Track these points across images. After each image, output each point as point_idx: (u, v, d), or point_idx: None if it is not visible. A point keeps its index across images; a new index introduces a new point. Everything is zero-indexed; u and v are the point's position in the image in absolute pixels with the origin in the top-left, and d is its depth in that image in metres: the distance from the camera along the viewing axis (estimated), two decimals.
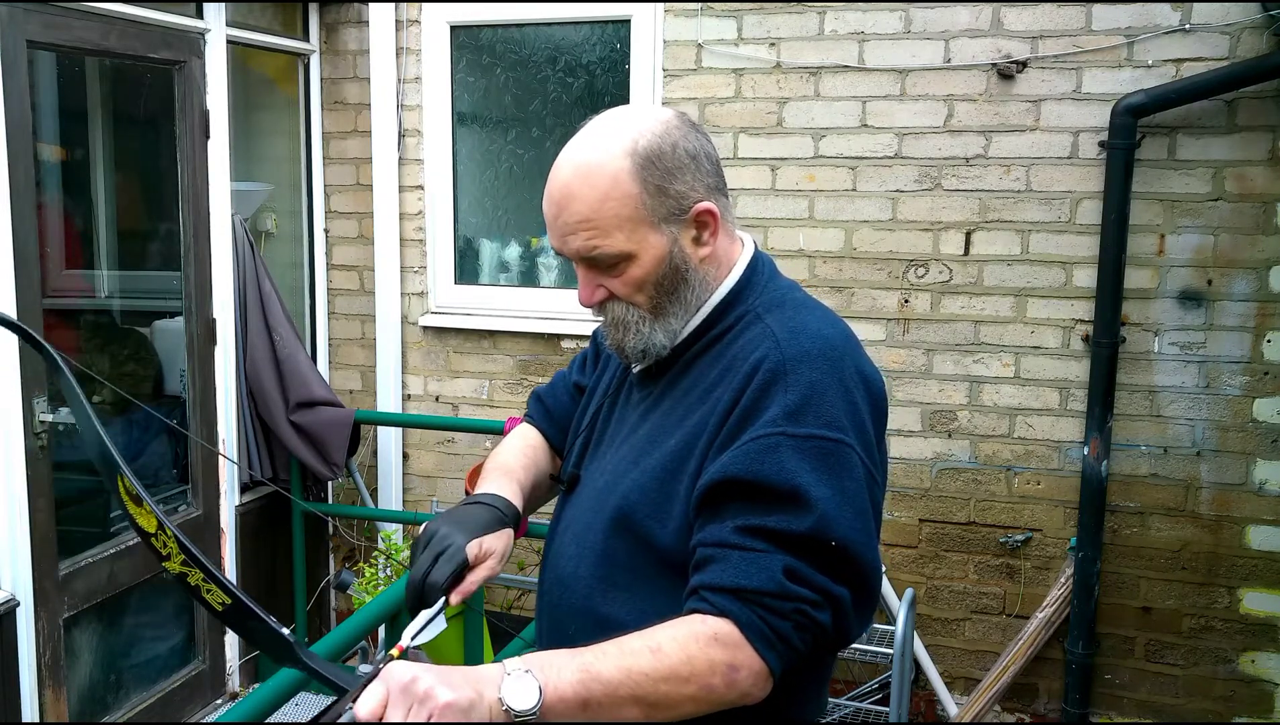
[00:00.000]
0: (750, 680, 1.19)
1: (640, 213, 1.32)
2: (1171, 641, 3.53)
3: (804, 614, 1.21)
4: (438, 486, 4.32)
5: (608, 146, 1.33)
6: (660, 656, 1.17)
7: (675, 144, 1.34)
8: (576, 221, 1.32)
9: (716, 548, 1.23)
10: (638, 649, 1.17)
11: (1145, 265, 3.43)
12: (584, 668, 1.15)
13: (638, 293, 1.36)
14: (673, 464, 1.33)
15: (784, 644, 1.21)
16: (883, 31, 3.58)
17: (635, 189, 1.31)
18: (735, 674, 1.18)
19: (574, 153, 1.36)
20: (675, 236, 1.35)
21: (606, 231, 1.32)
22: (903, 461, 3.73)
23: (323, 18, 4.25)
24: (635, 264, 1.34)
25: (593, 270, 1.37)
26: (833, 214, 3.70)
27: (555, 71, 4.06)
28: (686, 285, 1.37)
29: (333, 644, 2.26)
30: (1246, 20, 3.25)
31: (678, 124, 1.36)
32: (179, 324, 3.72)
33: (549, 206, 1.36)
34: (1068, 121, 3.45)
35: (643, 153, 1.32)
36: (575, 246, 1.34)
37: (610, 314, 1.39)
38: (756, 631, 1.19)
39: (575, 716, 1.14)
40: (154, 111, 3.72)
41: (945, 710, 3.69)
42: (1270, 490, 3.39)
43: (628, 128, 1.34)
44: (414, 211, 4.20)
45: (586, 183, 1.32)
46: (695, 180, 1.35)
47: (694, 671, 1.17)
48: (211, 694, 3.83)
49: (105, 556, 3.34)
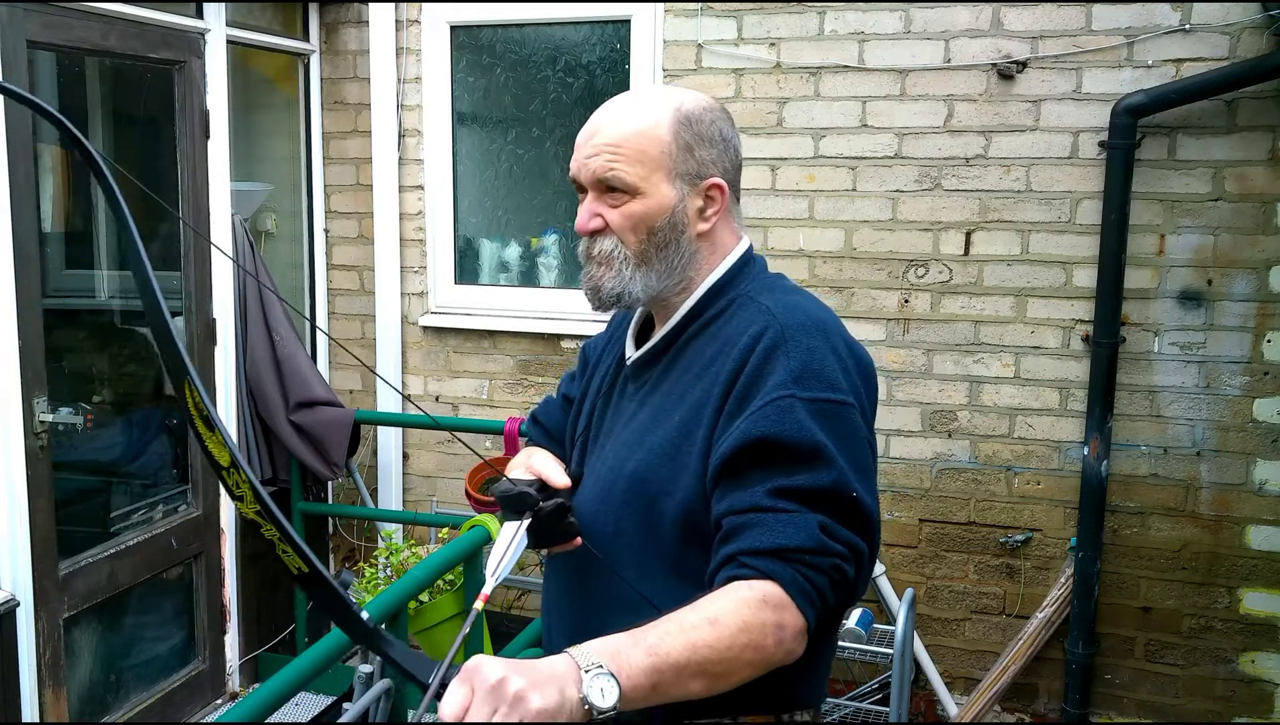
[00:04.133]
0: (794, 637, 1.22)
1: (662, 159, 1.39)
2: (1171, 641, 3.53)
3: (839, 569, 1.25)
4: (438, 486, 4.32)
5: (654, 97, 1.44)
6: (719, 628, 1.17)
7: (714, 121, 1.44)
8: (604, 143, 1.40)
9: (750, 512, 1.25)
10: (696, 623, 1.17)
11: (1145, 265, 3.43)
12: (651, 651, 1.14)
13: (631, 232, 1.41)
14: (678, 437, 1.36)
15: (821, 599, 1.24)
16: (883, 31, 3.58)
17: (667, 136, 1.40)
18: (783, 633, 1.20)
19: (625, 97, 1.46)
20: (684, 196, 1.41)
21: (628, 160, 1.39)
22: (903, 461, 3.73)
23: (323, 18, 4.25)
24: (639, 200, 1.40)
25: (599, 199, 1.43)
26: (833, 214, 3.70)
27: (555, 71, 4.06)
28: (677, 248, 1.42)
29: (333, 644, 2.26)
30: (1246, 20, 3.25)
31: (721, 111, 1.47)
32: (179, 324, 3.72)
33: (582, 134, 1.44)
34: (1068, 121, 3.45)
35: (685, 112, 1.42)
36: (594, 166, 1.40)
37: (598, 247, 1.43)
38: (799, 589, 1.21)
39: (646, 701, 1.14)
40: (154, 111, 3.72)
41: (945, 710, 3.69)
42: (1270, 490, 3.39)
43: (681, 93, 1.45)
44: (414, 211, 4.20)
45: (625, 116, 1.41)
46: (720, 158, 1.44)
47: (751, 638, 1.18)
48: (211, 694, 3.83)
49: (105, 556, 3.34)
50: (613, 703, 1.08)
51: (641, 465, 1.38)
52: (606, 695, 1.08)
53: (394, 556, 3.79)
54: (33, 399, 3.01)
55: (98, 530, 3.44)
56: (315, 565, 1.22)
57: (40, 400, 3.03)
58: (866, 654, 3.34)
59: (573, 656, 1.11)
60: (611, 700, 1.08)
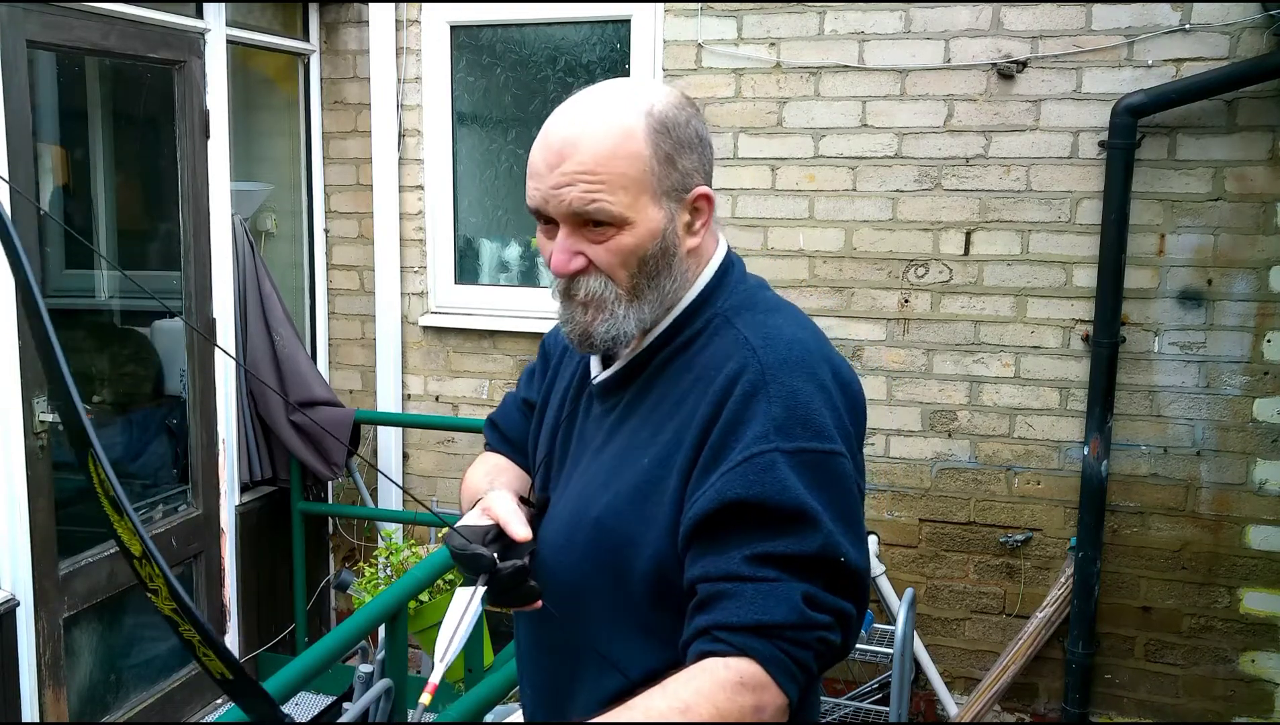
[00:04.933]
0: (773, 715, 1.11)
1: (646, 178, 1.21)
2: (1171, 641, 3.53)
3: (824, 640, 1.13)
4: (438, 486, 4.32)
5: (622, 102, 1.23)
6: (690, 715, 1.07)
7: (689, 120, 1.25)
8: (578, 171, 1.19)
9: (725, 582, 1.12)
10: (665, 711, 1.07)
11: (1145, 265, 3.43)
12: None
13: (621, 267, 1.22)
14: (647, 484, 1.22)
15: (805, 674, 1.13)
16: (883, 31, 3.58)
17: (646, 151, 1.20)
18: (761, 714, 1.10)
19: (582, 103, 1.25)
20: (672, 215, 1.24)
21: (609, 187, 1.19)
22: (903, 461, 3.73)
23: (323, 18, 4.25)
24: (628, 231, 1.21)
25: (576, 233, 1.22)
26: (833, 214, 3.70)
27: (555, 71, 4.06)
28: (669, 273, 1.25)
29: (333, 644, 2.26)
30: (1246, 20, 3.25)
31: (689, 104, 1.28)
32: (179, 324, 3.72)
33: (544, 154, 1.22)
34: (1068, 121, 3.45)
35: (658, 117, 1.22)
36: (570, 198, 1.19)
37: (584, 289, 1.24)
38: (781, 667, 1.10)
39: None
40: (154, 111, 3.72)
41: (945, 710, 3.69)
42: (1270, 490, 3.39)
43: (642, 91, 1.25)
44: (414, 211, 4.20)
45: (596, 132, 1.20)
46: (700, 164, 1.26)
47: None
48: (211, 694, 3.83)
49: (105, 556, 3.34)
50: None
51: (608, 512, 1.24)
52: None
53: (394, 556, 3.79)
54: (33, 399, 3.01)
55: (98, 530, 3.44)
56: (241, 671, 1.09)
57: (40, 400, 3.03)
58: (866, 654, 3.34)
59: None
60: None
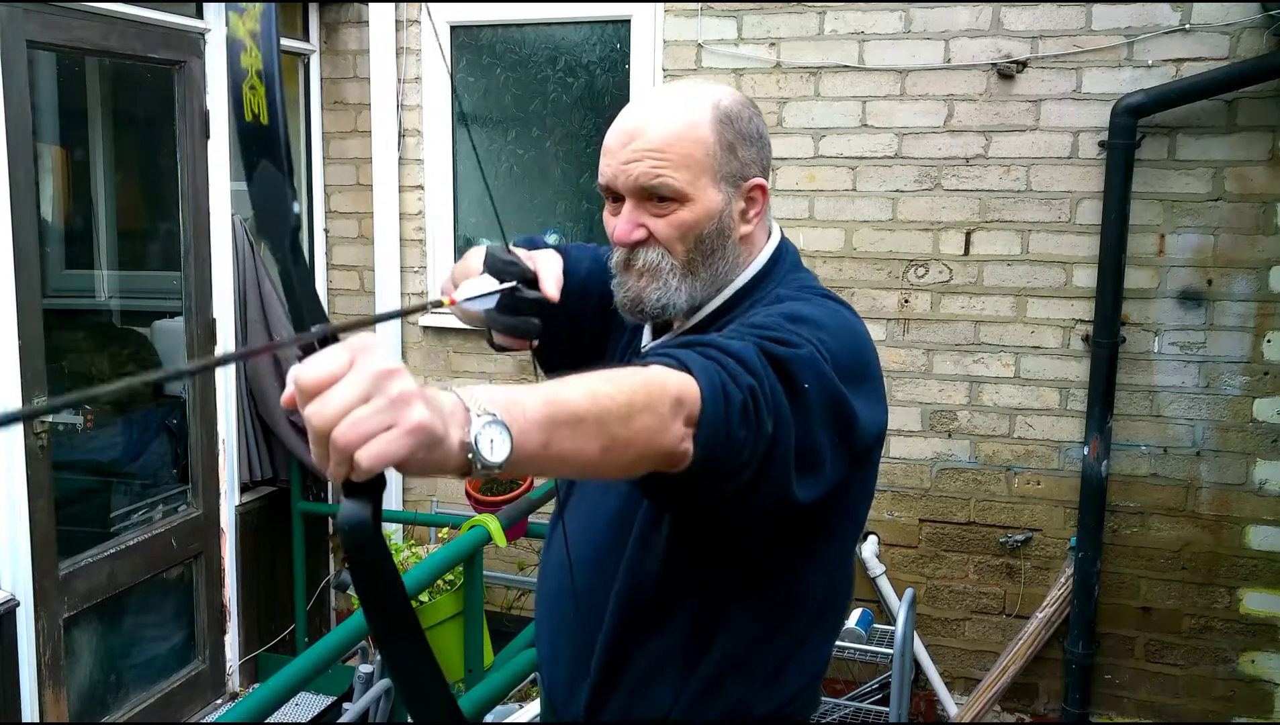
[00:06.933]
0: (688, 420, 1.03)
1: (707, 161, 1.31)
2: (1171, 641, 3.53)
3: (755, 393, 1.07)
4: (438, 486, 4.32)
5: (690, 94, 1.35)
6: (618, 382, 1.01)
7: (751, 117, 1.36)
8: (646, 148, 1.30)
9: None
10: (597, 378, 1.02)
11: (1145, 265, 3.43)
12: (549, 399, 0.96)
13: (679, 241, 1.33)
14: None
15: (726, 404, 1.05)
16: (883, 31, 3.58)
17: (711, 137, 1.32)
18: (680, 410, 1.03)
19: (654, 95, 1.37)
20: (729, 200, 1.34)
21: (674, 165, 1.30)
22: (903, 461, 3.73)
23: (323, 18, 4.25)
24: (688, 208, 1.31)
25: (640, 207, 1.33)
26: (833, 214, 3.70)
27: (555, 72, 4.06)
28: (723, 254, 1.35)
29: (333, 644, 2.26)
30: (1246, 20, 3.25)
31: (751, 105, 1.39)
32: (179, 324, 3.72)
33: (617, 136, 1.33)
34: (1068, 121, 3.45)
35: (724, 109, 1.33)
36: (637, 172, 1.31)
37: (642, 259, 1.34)
38: (706, 374, 1.06)
39: (535, 462, 0.96)
40: (154, 111, 3.72)
41: (945, 710, 3.69)
42: (1270, 490, 3.39)
43: (711, 89, 1.37)
44: (414, 211, 4.20)
45: (665, 117, 1.32)
46: (758, 157, 1.37)
47: (650, 398, 1.01)
48: (211, 694, 3.83)
49: (105, 556, 3.34)
50: (501, 459, 0.89)
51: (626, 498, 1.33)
52: (496, 449, 0.89)
53: (394, 556, 3.79)
54: (33, 399, 3.01)
55: (98, 530, 3.44)
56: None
57: (40, 400, 3.03)
58: (866, 654, 3.34)
59: (461, 398, 0.90)
60: (501, 457, 0.89)
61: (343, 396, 0.81)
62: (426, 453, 0.84)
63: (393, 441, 0.81)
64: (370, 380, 0.82)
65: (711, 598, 1.32)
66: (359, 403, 0.81)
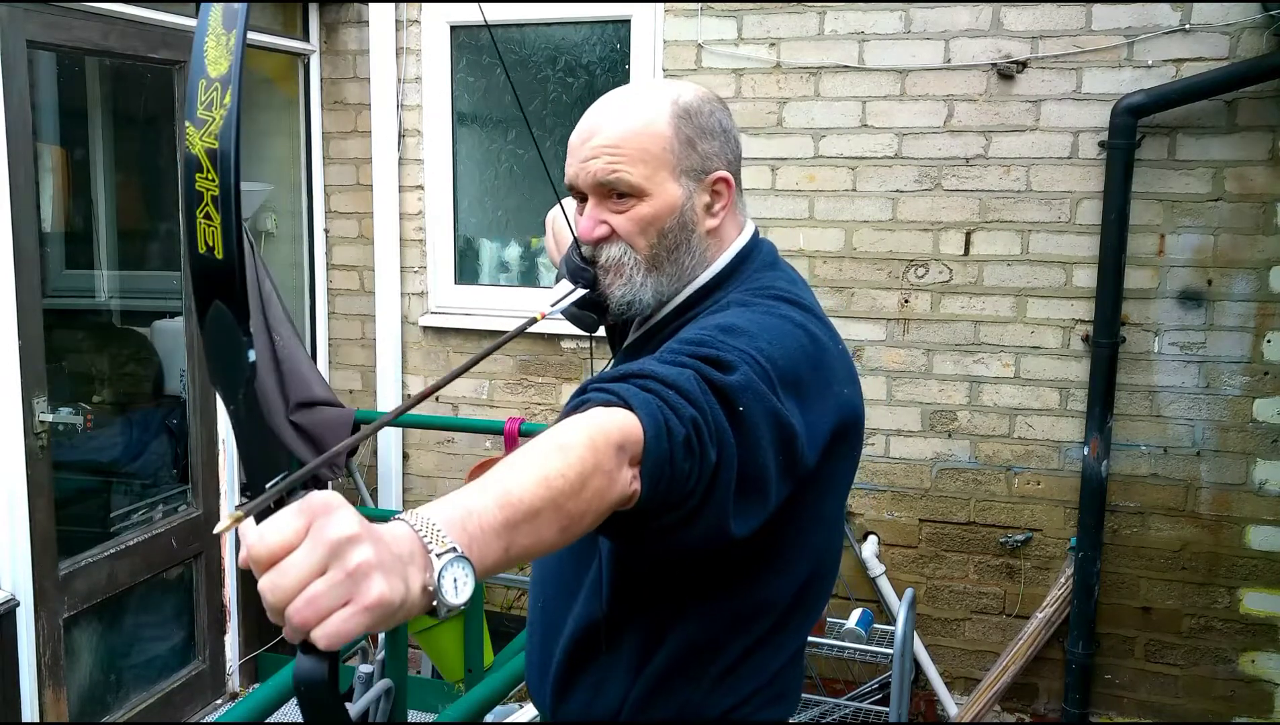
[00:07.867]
0: (629, 473, 0.99)
1: (665, 156, 1.33)
2: (1171, 641, 3.53)
3: (697, 425, 1.03)
4: (438, 486, 4.32)
5: (649, 92, 1.38)
6: (568, 452, 0.96)
7: (712, 111, 1.38)
8: (602, 145, 1.33)
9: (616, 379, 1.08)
10: (546, 450, 0.96)
11: (1145, 265, 3.43)
12: (504, 501, 0.92)
13: (640, 235, 1.34)
14: None
15: (669, 439, 1.01)
16: (883, 31, 3.58)
17: (668, 132, 1.33)
18: (624, 455, 0.99)
19: (615, 94, 1.39)
20: (690, 193, 1.35)
21: (630, 161, 1.32)
22: (903, 461, 3.73)
23: (323, 18, 4.25)
24: (646, 202, 1.33)
25: (601, 204, 1.35)
26: (833, 214, 3.70)
27: (555, 71, 4.06)
28: (688, 248, 1.36)
29: None
30: (1246, 20, 3.25)
31: (718, 101, 1.41)
32: (179, 324, 3.72)
33: (577, 136, 1.36)
34: (1068, 121, 3.45)
35: (683, 105, 1.35)
36: (595, 169, 1.33)
37: (605, 254, 1.36)
38: (646, 408, 1.01)
39: (498, 569, 0.92)
40: (154, 111, 3.72)
41: (945, 710, 3.69)
42: (1270, 490, 3.39)
43: (672, 85, 1.39)
44: (414, 211, 4.20)
45: (622, 114, 1.34)
46: (722, 150, 1.38)
47: (596, 455, 0.96)
48: (211, 694, 3.83)
49: (105, 556, 3.34)
50: (465, 599, 0.84)
51: None
52: (460, 590, 0.84)
53: None
54: (32, 399, 3.01)
55: (98, 530, 3.45)
56: None
57: (40, 400, 3.03)
58: (866, 654, 3.34)
59: (416, 531, 0.86)
60: (465, 596, 0.84)
61: (297, 571, 0.78)
62: (385, 623, 0.81)
63: (349, 619, 0.78)
64: (326, 549, 0.78)
65: (668, 604, 1.31)
66: (315, 575, 0.78)
